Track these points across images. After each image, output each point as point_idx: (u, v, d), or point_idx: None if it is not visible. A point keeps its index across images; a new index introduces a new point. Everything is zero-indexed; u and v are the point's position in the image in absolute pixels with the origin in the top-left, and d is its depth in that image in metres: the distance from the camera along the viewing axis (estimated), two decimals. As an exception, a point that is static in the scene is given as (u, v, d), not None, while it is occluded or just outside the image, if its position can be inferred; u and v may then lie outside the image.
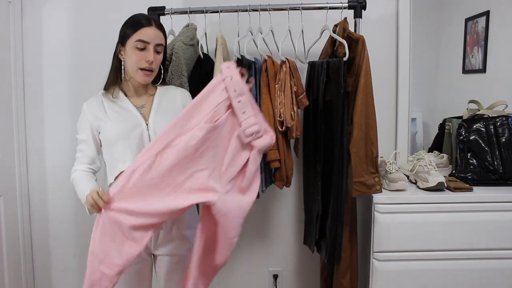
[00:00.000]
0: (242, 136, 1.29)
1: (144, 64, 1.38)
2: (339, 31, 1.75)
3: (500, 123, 1.81)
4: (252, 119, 1.29)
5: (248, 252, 2.20)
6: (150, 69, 1.40)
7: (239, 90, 1.27)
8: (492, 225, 1.64)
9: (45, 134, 2.19)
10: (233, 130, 1.30)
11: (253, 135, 1.29)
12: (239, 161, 1.31)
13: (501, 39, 2.06)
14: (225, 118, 1.28)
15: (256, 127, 1.29)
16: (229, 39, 1.84)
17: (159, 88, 1.53)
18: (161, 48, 1.42)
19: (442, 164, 1.92)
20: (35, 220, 2.23)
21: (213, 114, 1.27)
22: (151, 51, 1.38)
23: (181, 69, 1.67)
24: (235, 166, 1.31)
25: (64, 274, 2.27)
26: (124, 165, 1.38)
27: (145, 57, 1.38)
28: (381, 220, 1.68)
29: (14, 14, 2.08)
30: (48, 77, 2.16)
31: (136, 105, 1.45)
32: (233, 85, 1.27)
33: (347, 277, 1.78)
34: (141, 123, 1.42)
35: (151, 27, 1.39)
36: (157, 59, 1.41)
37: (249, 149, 1.32)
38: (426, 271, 1.68)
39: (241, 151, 1.31)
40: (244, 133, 1.29)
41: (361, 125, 1.65)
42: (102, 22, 2.08)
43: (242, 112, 1.29)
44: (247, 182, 1.33)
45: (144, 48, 1.38)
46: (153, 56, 1.38)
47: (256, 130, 1.29)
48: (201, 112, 1.28)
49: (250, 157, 1.31)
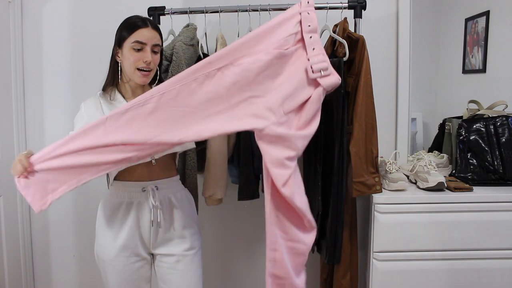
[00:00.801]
0: (309, 71, 1.24)
1: (141, 64, 1.39)
2: (339, 31, 1.75)
3: (500, 123, 1.81)
4: (321, 56, 1.24)
5: (248, 252, 2.20)
6: (148, 69, 1.40)
7: (312, 26, 1.24)
8: (492, 225, 1.64)
9: (45, 134, 2.19)
10: (300, 64, 1.25)
11: (321, 72, 1.24)
12: (301, 96, 1.25)
13: (501, 39, 2.06)
14: (294, 50, 1.24)
15: (325, 63, 1.24)
16: (229, 39, 1.83)
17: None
18: (158, 48, 1.43)
19: (442, 164, 1.92)
20: (35, 220, 2.23)
21: (283, 43, 1.23)
22: (148, 52, 1.39)
23: (182, 69, 1.66)
24: (295, 100, 1.25)
25: (64, 274, 2.27)
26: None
27: (143, 58, 1.38)
28: (381, 220, 1.68)
29: (14, 14, 2.08)
30: (48, 77, 2.16)
31: None
32: (309, 20, 1.24)
33: (347, 277, 1.78)
34: None
35: (147, 28, 1.39)
36: (154, 59, 1.41)
37: (313, 86, 1.25)
38: (426, 271, 1.68)
39: (305, 86, 1.25)
40: (312, 67, 1.24)
41: (361, 125, 1.65)
42: (102, 22, 2.08)
43: (312, 48, 1.24)
44: (305, 120, 1.26)
45: (141, 49, 1.38)
46: (150, 57, 1.39)
47: (325, 67, 1.23)
48: (271, 38, 1.24)
49: (313, 94, 1.24)
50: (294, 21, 1.26)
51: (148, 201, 1.41)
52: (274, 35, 1.25)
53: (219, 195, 1.70)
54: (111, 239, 1.41)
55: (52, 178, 1.28)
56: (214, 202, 1.71)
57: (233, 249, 2.20)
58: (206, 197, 1.72)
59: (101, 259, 1.45)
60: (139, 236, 1.43)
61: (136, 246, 1.43)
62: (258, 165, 1.77)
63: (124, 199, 1.42)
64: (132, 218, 1.41)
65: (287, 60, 1.25)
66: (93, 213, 1.49)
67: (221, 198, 1.73)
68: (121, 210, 1.41)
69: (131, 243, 1.42)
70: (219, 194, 1.71)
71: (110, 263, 1.42)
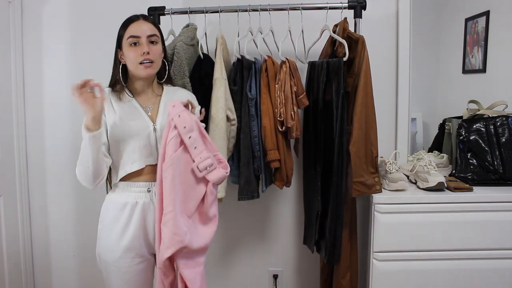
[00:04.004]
0: (196, 171, 1.32)
1: (141, 57, 1.39)
2: (339, 31, 1.75)
3: (500, 123, 1.81)
4: (204, 153, 1.32)
5: (248, 252, 2.20)
6: (149, 60, 1.40)
7: (188, 127, 1.30)
8: (492, 225, 1.64)
9: (45, 134, 2.19)
10: (188, 166, 1.33)
11: (207, 169, 1.32)
12: (197, 195, 1.35)
13: (501, 39, 2.05)
14: (180, 154, 1.31)
15: (208, 161, 1.32)
16: (229, 39, 1.84)
17: (165, 88, 1.53)
18: (155, 38, 1.42)
19: (442, 164, 1.92)
20: (35, 220, 2.23)
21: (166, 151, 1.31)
22: (144, 43, 1.39)
23: (183, 69, 1.67)
24: (193, 200, 1.34)
25: (64, 274, 2.27)
26: (131, 167, 1.39)
27: (140, 51, 1.38)
28: (381, 220, 1.68)
29: (14, 14, 2.08)
30: (48, 77, 2.17)
31: (144, 106, 1.46)
32: (182, 122, 1.30)
33: (347, 277, 1.78)
34: (148, 125, 1.42)
35: (138, 21, 1.41)
36: (153, 49, 1.41)
37: (205, 183, 1.35)
38: (426, 271, 1.68)
39: (198, 185, 1.35)
40: (198, 167, 1.32)
41: (361, 125, 1.65)
42: (102, 21, 2.08)
43: (194, 147, 1.31)
44: (207, 213, 1.36)
45: (137, 42, 1.39)
46: (147, 48, 1.39)
47: (209, 164, 1.32)
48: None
49: (207, 190, 1.34)
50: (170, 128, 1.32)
51: (153, 201, 1.41)
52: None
53: (220, 195, 1.70)
54: (115, 240, 1.40)
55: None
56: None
57: (233, 249, 2.20)
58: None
59: (103, 260, 1.43)
60: (144, 236, 1.42)
61: (141, 247, 1.42)
62: (258, 165, 1.77)
63: (129, 200, 1.41)
64: (137, 219, 1.40)
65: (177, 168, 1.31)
66: (93, 213, 1.49)
67: (221, 197, 1.73)
68: (126, 210, 1.40)
69: (136, 244, 1.41)
70: (221, 193, 1.71)
71: (113, 264, 1.41)
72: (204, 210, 1.36)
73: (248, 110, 1.75)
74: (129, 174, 1.41)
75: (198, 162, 1.31)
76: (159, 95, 1.50)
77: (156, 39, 1.42)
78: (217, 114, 1.67)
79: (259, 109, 1.77)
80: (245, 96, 1.76)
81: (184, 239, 1.29)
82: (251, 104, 1.75)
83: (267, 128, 1.74)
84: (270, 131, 1.74)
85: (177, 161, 1.30)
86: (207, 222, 1.38)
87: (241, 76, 1.78)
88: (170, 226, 1.27)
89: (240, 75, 1.78)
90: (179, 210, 1.29)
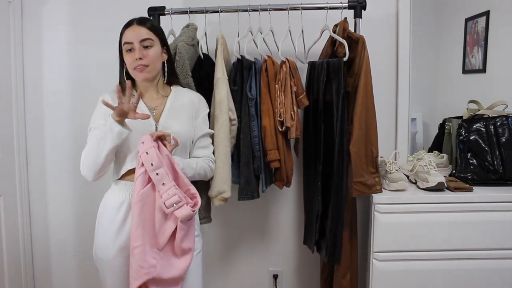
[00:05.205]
0: (164, 208, 1.31)
1: (135, 63, 1.41)
2: (339, 31, 1.75)
3: (500, 123, 1.81)
4: (172, 189, 1.31)
5: (248, 252, 2.20)
6: (143, 65, 1.41)
7: (155, 164, 1.30)
8: (492, 225, 1.64)
9: (45, 134, 2.19)
10: (157, 201, 1.33)
11: (174, 206, 1.31)
12: (166, 231, 1.34)
13: (501, 39, 2.05)
14: (147, 191, 1.32)
15: (175, 198, 1.31)
16: (229, 39, 1.84)
17: (174, 89, 1.54)
18: (149, 42, 1.42)
19: (442, 164, 1.92)
20: (35, 220, 2.23)
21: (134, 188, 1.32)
22: (136, 49, 1.40)
23: (186, 69, 1.67)
24: (163, 237, 1.34)
25: (64, 274, 2.27)
26: (132, 164, 1.40)
27: (134, 56, 1.40)
28: (381, 220, 1.68)
29: (14, 14, 2.08)
30: (48, 77, 2.16)
31: (150, 107, 1.47)
32: (149, 160, 1.30)
33: (347, 277, 1.78)
34: (151, 124, 1.43)
35: (131, 27, 1.42)
36: (147, 54, 1.42)
37: (174, 219, 1.34)
38: (426, 271, 1.68)
39: (166, 221, 1.34)
40: (164, 204, 1.31)
41: (361, 125, 1.65)
42: (102, 22, 2.08)
43: (162, 184, 1.31)
44: (180, 246, 1.36)
45: (131, 48, 1.41)
46: (139, 53, 1.40)
47: (175, 201, 1.31)
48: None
49: (178, 225, 1.33)
50: (138, 165, 1.33)
51: None
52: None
53: (227, 194, 1.69)
54: (111, 239, 1.41)
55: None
56: (222, 201, 1.70)
57: (233, 249, 2.20)
58: (213, 197, 1.71)
59: (99, 258, 1.44)
60: None
61: None
62: (258, 165, 1.77)
63: (125, 199, 1.42)
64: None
65: (144, 204, 1.32)
66: (93, 213, 1.49)
67: (227, 197, 1.72)
68: (122, 210, 1.41)
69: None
70: (227, 193, 1.70)
71: (108, 263, 1.42)
72: (177, 244, 1.35)
73: (248, 110, 1.75)
74: (128, 172, 1.42)
75: (165, 199, 1.30)
76: (165, 95, 1.51)
77: (150, 43, 1.43)
78: (221, 115, 1.67)
79: (259, 109, 1.77)
80: (245, 96, 1.76)
81: (151, 271, 1.31)
82: (251, 104, 1.75)
83: (267, 128, 1.74)
84: (270, 131, 1.74)
85: (146, 197, 1.31)
86: (181, 255, 1.37)
87: (241, 76, 1.78)
88: (137, 259, 1.30)
89: (240, 75, 1.78)
90: (148, 244, 1.31)
